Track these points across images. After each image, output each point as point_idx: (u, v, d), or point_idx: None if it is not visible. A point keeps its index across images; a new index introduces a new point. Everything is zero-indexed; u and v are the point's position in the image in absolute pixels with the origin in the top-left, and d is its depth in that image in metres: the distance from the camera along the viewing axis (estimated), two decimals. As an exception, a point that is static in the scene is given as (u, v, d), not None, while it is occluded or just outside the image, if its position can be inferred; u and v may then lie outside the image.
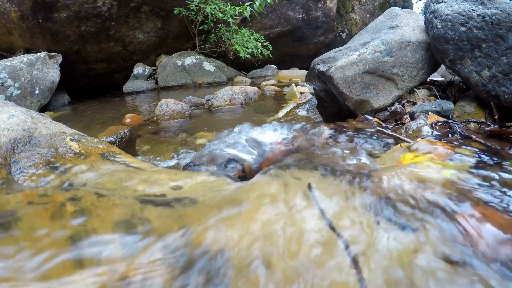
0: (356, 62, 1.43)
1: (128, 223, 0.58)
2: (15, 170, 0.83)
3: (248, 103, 2.92)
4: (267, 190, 0.70)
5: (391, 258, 0.51)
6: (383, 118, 1.45)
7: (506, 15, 1.14)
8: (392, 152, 1.06)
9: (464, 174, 0.76)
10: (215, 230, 0.58)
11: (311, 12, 6.43)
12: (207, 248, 0.54)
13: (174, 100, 2.52)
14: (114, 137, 1.53)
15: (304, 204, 0.64)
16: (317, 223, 0.59)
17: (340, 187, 0.69)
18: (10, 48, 4.57)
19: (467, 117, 1.27)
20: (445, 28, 1.29)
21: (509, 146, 0.98)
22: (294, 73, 4.99)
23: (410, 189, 0.68)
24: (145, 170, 0.94)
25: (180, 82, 4.62)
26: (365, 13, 8.24)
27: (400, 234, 0.56)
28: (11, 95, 3.33)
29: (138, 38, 4.83)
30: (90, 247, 0.52)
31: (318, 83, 1.57)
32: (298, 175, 0.75)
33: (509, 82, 1.15)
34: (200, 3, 4.53)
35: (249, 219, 0.60)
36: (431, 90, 1.55)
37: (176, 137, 1.91)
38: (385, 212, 0.62)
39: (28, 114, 1.05)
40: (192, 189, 0.79)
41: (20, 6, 3.99)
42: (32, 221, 0.56)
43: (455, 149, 0.94)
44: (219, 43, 5.27)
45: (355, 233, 0.56)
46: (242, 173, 1.10)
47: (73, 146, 0.98)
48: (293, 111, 2.27)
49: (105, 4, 4.26)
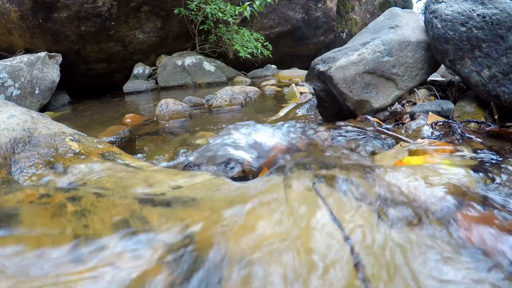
0: (356, 62, 1.43)
1: (127, 222, 0.58)
2: (15, 170, 0.83)
3: (248, 103, 2.92)
4: (267, 190, 0.70)
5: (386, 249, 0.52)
6: (383, 118, 1.45)
7: (506, 15, 1.14)
8: (392, 152, 1.06)
9: (463, 174, 0.76)
10: (215, 230, 0.58)
11: (311, 12, 6.44)
12: (207, 248, 0.54)
13: (174, 100, 2.52)
14: (114, 137, 1.53)
15: (306, 204, 0.64)
16: (320, 222, 0.59)
17: (340, 187, 0.69)
18: (10, 48, 4.57)
19: (467, 117, 1.27)
20: (445, 28, 1.29)
21: (509, 146, 0.98)
22: (294, 73, 4.99)
23: (409, 188, 0.68)
24: (145, 170, 0.94)
25: (180, 82, 4.62)
26: (365, 13, 8.24)
27: (399, 233, 0.56)
28: (11, 95, 3.33)
29: (138, 38, 4.83)
30: (90, 247, 0.52)
31: (318, 83, 1.57)
32: (298, 175, 0.75)
33: (509, 82, 1.15)
34: (200, 3, 4.53)
35: (249, 219, 0.60)
36: (431, 90, 1.55)
37: (176, 137, 1.91)
38: (384, 211, 0.62)
39: (28, 114, 1.05)
40: (192, 189, 0.79)
41: (20, 6, 3.99)
42: (33, 221, 0.56)
43: (455, 149, 0.94)
44: (219, 43, 5.27)
45: (359, 233, 0.56)
46: (242, 173, 1.10)
47: (73, 146, 0.98)
48: (293, 111, 2.27)
49: (105, 4, 4.26)
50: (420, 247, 0.54)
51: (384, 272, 0.49)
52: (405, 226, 0.58)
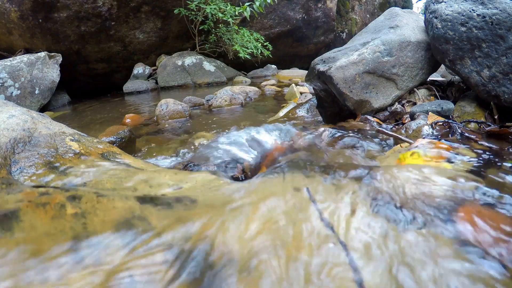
0: (356, 62, 1.43)
1: (128, 223, 0.58)
2: (15, 170, 0.83)
3: (248, 103, 2.92)
4: (268, 190, 0.70)
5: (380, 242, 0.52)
6: (383, 118, 1.45)
7: (506, 15, 1.14)
8: (392, 152, 1.06)
9: (463, 174, 0.76)
10: (216, 230, 0.58)
11: (311, 12, 6.44)
12: (208, 248, 0.54)
13: (174, 100, 2.52)
14: (114, 137, 1.53)
15: (305, 204, 0.64)
16: (316, 223, 0.59)
17: (340, 187, 0.69)
18: (10, 48, 4.57)
19: (467, 117, 1.27)
20: (445, 28, 1.29)
21: (509, 146, 0.98)
22: (294, 73, 4.99)
23: (409, 188, 0.68)
24: (145, 170, 0.94)
25: (180, 82, 4.62)
26: (365, 13, 8.24)
27: (398, 233, 0.56)
28: (11, 95, 3.33)
29: (138, 38, 4.83)
30: (90, 247, 0.52)
31: (318, 83, 1.57)
32: (298, 175, 0.75)
33: (509, 82, 1.15)
34: (200, 3, 4.53)
35: (249, 219, 0.60)
36: (431, 90, 1.55)
37: (176, 137, 1.91)
38: (383, 210, 0.62)
39: (28, 114, 1.05)
40: (192, 189, 0.79)
41: (20, 6, 3.99)
42: (33, 221, 0.56)
43: (455, 149, 0.94)
44: (219, 43, 5.27)
45: (355, 236, 0.56)
46: (242, 173, 1.10)
47: (73, 146, 0.98)
48: (293, 111, 2.27)
49: (105, 4, 4.26)
50: (420, 247, 0.54)
51: (381, 274, 0.50)
52: (405, 226, 0.58)
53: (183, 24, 4.96)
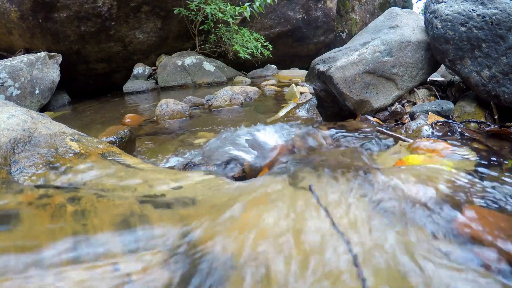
0: (356, 62, 1.43)
1: (128, 223, 0.58)
2: (15, 170, 0.83)
3: (248, 103, 2.92)
4: (267, 190, 0.70)
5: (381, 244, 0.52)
6: (383, 118, 1.45)
7: (506, 15, 1.14)
8: (392, 152, 1.06)
9: (463, 174, 0.76)
10: (215, 230, 0.58)
11: (311, 12, 6.43)
12: (208, 248, 0.54)
13: (174, 100, 2.52)
14: (114, 137, 1.53)
15: (305, 204, 0.64)
16: (319, 223, 0.59)
17: (339, 187, 0.69)
18: (10, 48, 4.57)
19: (467, 117, 1.27)
20: (445, 28, 1.29)
21: (509, 146, 0.98)
22: (294, 73, 4.99)
23: (409, 188, 0.68)
24: (145, 170, 0.94)
25: (180, 82, 4.62)
26: (365, 13, 8.24)
27: (397, 233, 0.56)
28: (11, 95, 3.33)
29: (138, 38, 4.83)
30: (90, 247, 0.52)
31: (318, 83, 1.57)
32: (298, 175, 0.75)
33: (509, 82, 1.15)
34: (200, 3, 4.53)
35: (249, 219, 0.60)
36: (431, 90, 1.55)
37: (176, 137, 1.91)
38: (382, 210, 0.62)
39: (28, 114, 1.05)
40: (192, 189, 0.79)
41: (20, 6, 3.99)
42: (33, 221, 0.56)
43: (455, 149, 0.94)
44: (219, 43, 5.27)
45: (354, 232, 0.56)
46: (243, 173, 1.10)
47: (73, 146, 0.98)
48: (293, 111, 2.27)
49: (105, 4, 4.26)
50: (419, 248, 0.54)
51: (383, 273, 0.50)
52: (404, 227, 0.58)
53: (183, 24, 4.96)
